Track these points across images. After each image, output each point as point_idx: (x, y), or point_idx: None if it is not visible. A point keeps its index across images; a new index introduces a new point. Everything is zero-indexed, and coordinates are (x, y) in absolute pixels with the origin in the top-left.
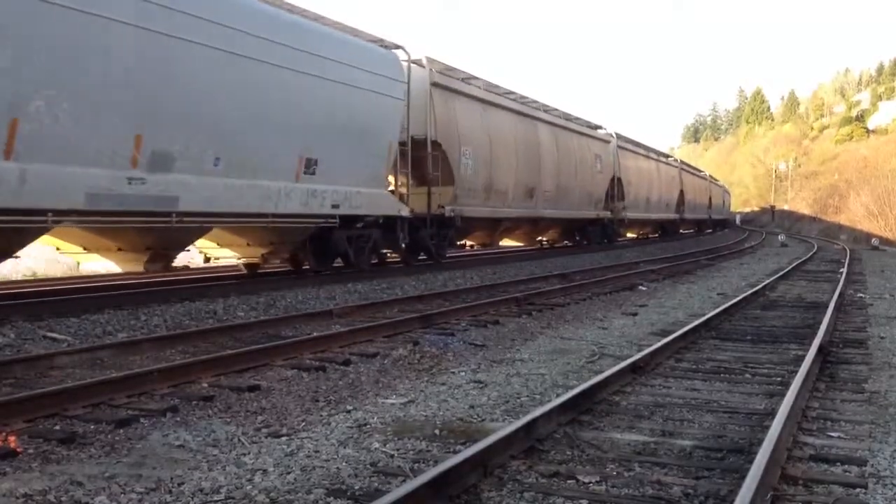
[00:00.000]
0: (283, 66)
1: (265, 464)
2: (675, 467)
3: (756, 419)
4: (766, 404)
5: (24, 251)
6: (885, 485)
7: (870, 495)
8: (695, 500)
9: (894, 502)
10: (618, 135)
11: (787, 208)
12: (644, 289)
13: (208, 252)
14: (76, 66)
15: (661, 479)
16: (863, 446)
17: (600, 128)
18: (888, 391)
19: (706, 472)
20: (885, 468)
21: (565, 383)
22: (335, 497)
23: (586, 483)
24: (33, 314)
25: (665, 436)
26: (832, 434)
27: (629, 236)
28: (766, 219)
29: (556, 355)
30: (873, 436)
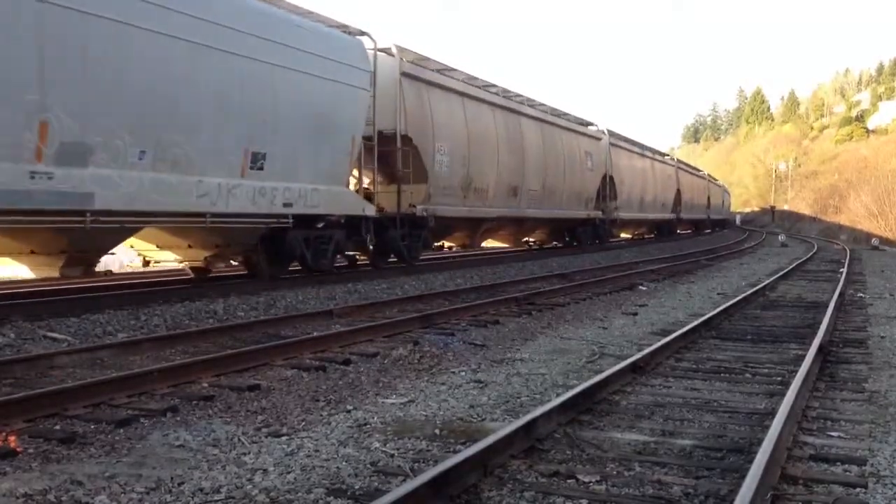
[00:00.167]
0: (225, 50)
1: (265, 463)
2: (676, 467)
3: (756, 419)
4: (767, 404)
5: None
6: (885, 484)
7: (870, 495)
8: (695, 500)
9: (894, 502)
10: (610, 132)
11: (787, 208)
12: (644, 288)
13: (147, 255)
14: None
15: (661, 478)
16: (863, 446)
17: (591, 124)
18: (888, 391)
19: (706, 472)
20: (885, 468)
21: (565, 383)
22: (335, 497)
23: (586, 483)
24: (33, 314)
25: (665, 435)
26: (832, 434)
27: (623, 237)
28: (767, 219)
29: (556, 355)
30: (873, 435)
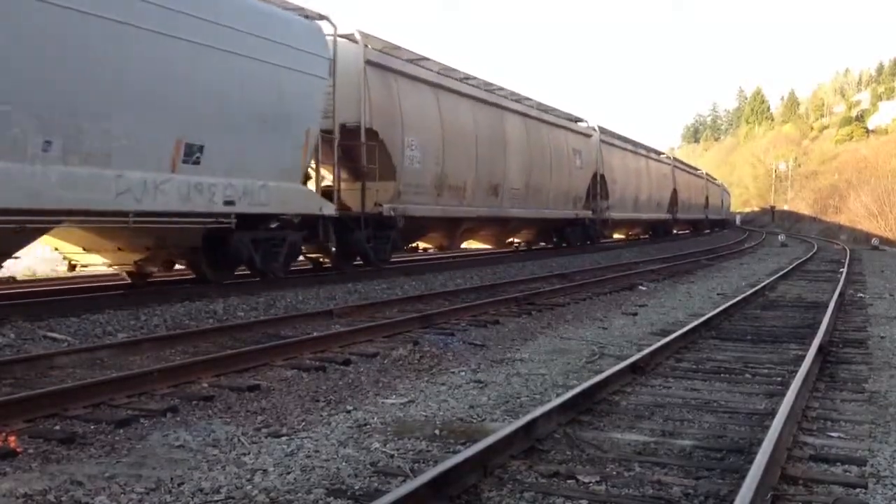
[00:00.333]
0: (152, 30)
1: (265, 464)
2: (676, 467)
3: (756, 419)
4: (766, 404)
5: None
6: (885, 485)
7: (870, 495)
8: (695, 500)
9: (894, 502)
10: (601, 128)
11: (787, 208)
12: (644, 289)
13: (73, 258)
14: None
15: (661, 479)
16: (863, 446)
17: (581, 120)
18: (888, 391)
19: (706, 472)
20: (885, 468)
21: (565, 383)
22: (335, 497)
23: (586, 483)
24: (33, 314)
25: (665, 436)
26: (832, 434)
27: (616, 237)
28: (766, 219)
29: (556, 355)
30: (873, 436)
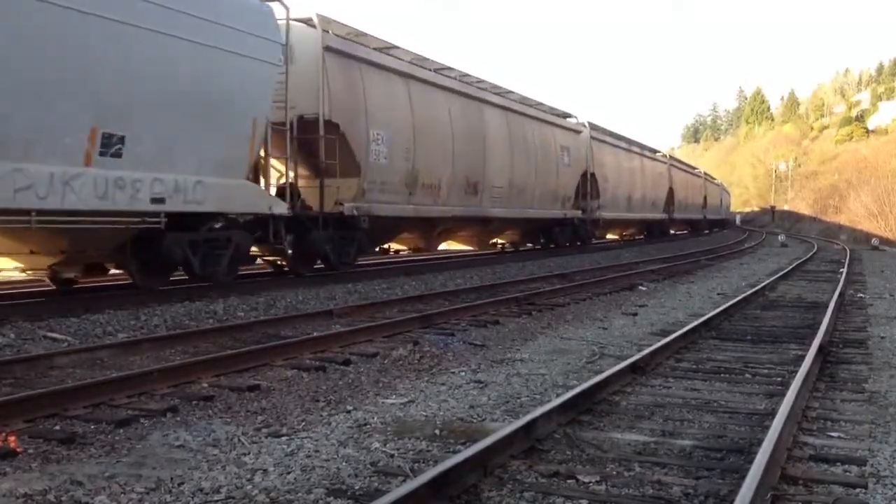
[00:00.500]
0: (56, 4)
1: (265, 464)
2: (675, 467)
3: (756, 419)
4: (766, 404)
5: None
6: (885, 485)
7: (870, 495)
8: (695, 500)
9: (894, 502)
10: (591, 125)
11: (787, 208)
12: (644, 289)
13: None
14: None
15: (661, 479)
16: (863, 446)
17: (570, 116)
18: (888, 391)
19: (706, 472)
20: (885, 468)
21: (565, 383)
22: (335, 497)
23: (586, 483)
24: (33, 314)
25: (665, 436)
26: (832, 434)
27: (610, 238)
28: (767, 219)
29: (556, 355)
30: (873, 436)
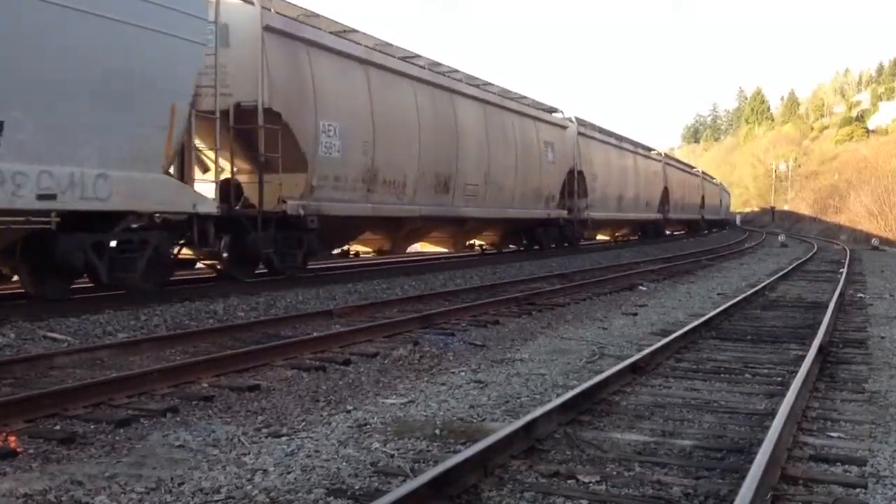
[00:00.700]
0: None
1: (265, 464)
2: (675, 467)
3: (756, 419)
4: (766, 404)
5: None
6: (885, 485)
7: (870, 495)
8: (695, 500)
9: (894, 502)
10: (579, 120)
11: (787, 209)
12: (644, 289)
13: None
14: None
15: (661, 479)
16: (863, 446)
17: (556, 110)
18: (888, 391)
19: (706, 472)
20: (885, 468)
21: (565, 383)
22: (335, 497)
23: (586, 483)
24: (33, 314)
25: (665, 436)
26: (832, 434)
27: (601, 239)
28: (767, 219)
29: (556, 355)
30: (873, 436)
